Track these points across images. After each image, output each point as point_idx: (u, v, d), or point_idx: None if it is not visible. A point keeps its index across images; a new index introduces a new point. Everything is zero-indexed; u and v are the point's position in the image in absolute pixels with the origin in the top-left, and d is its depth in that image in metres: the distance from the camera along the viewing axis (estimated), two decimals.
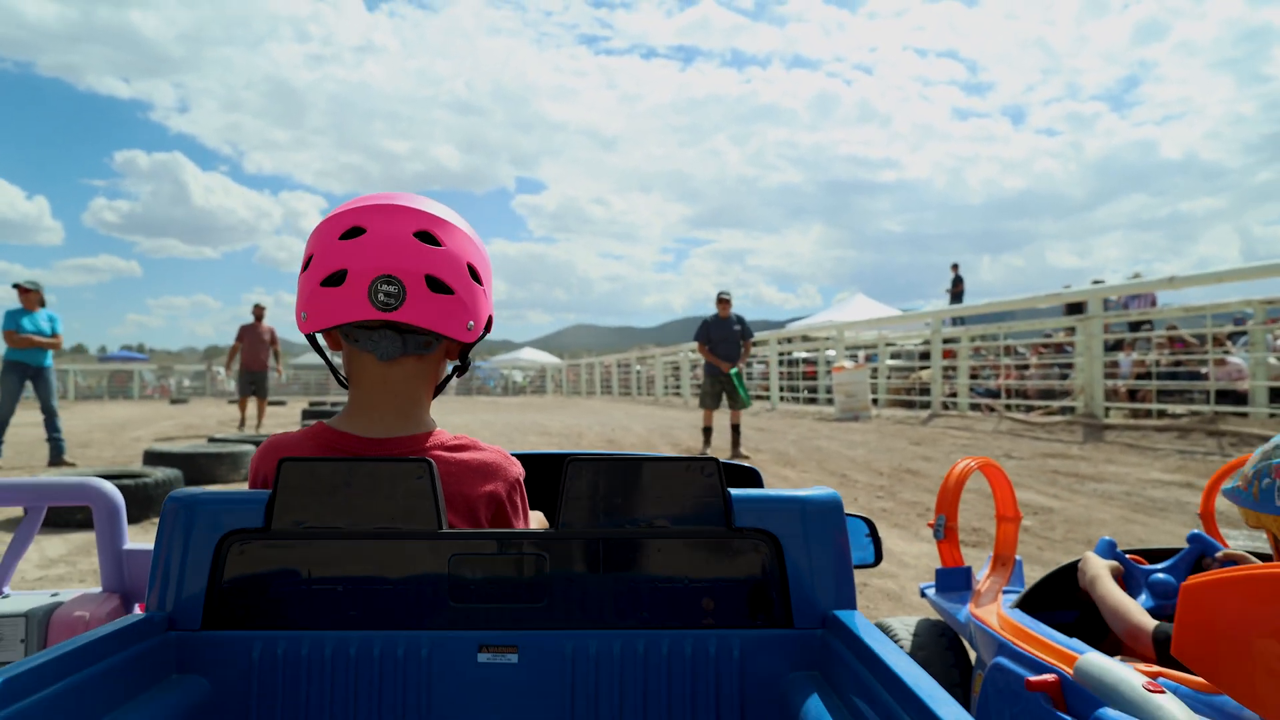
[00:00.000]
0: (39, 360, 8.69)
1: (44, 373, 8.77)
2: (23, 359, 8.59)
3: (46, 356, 8.77)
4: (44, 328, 8.66)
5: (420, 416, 1.25)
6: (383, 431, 1.22)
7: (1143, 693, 1.18)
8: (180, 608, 1.08)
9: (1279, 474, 1.27)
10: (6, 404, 8.66)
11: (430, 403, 1.29)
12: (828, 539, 1.09)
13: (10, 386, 8.67)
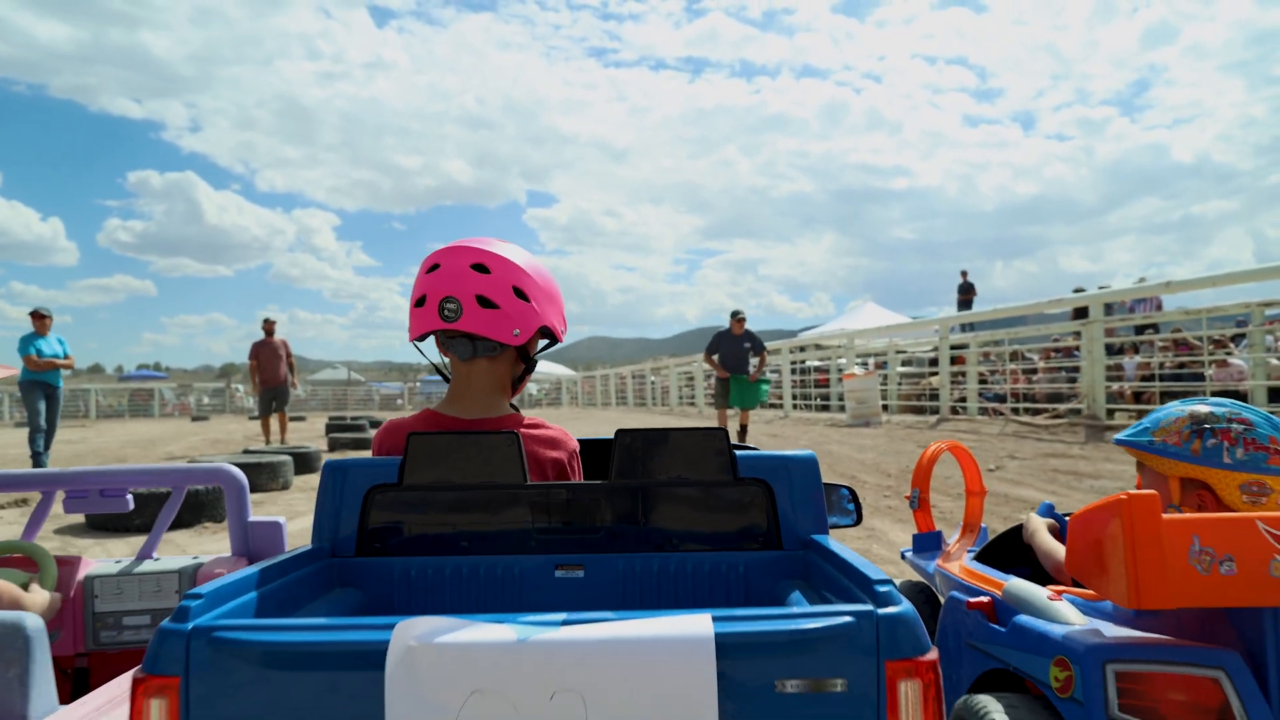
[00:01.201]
0: (55, 380, 9.64)
1: (56, 392, 9.74)
2: (43, 379, 9.53)
3: (59, 376, 9.73)
4: (57, 350, 9.59)
5: (500, 403, 1.68)
6: (475, 414, 1.64)
7: (1046, 602, 1.58)
8: (339, 542, 1.49)
9: (1226, 437, 1.62)
10: (34, 418, 9.58)
11: (509, 396, 1.71)
12: (806, 486, 1.49)
13: (34, 403, 9.58)
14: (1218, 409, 1.63)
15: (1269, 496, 1.55)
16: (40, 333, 9.49)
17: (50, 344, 9.51)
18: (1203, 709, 1.35)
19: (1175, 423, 1.66)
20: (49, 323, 9.57)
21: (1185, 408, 1.68)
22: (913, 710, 0.99)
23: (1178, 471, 1.64)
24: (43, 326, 9.50)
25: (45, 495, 2.21)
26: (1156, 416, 1.72)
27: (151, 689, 1.00)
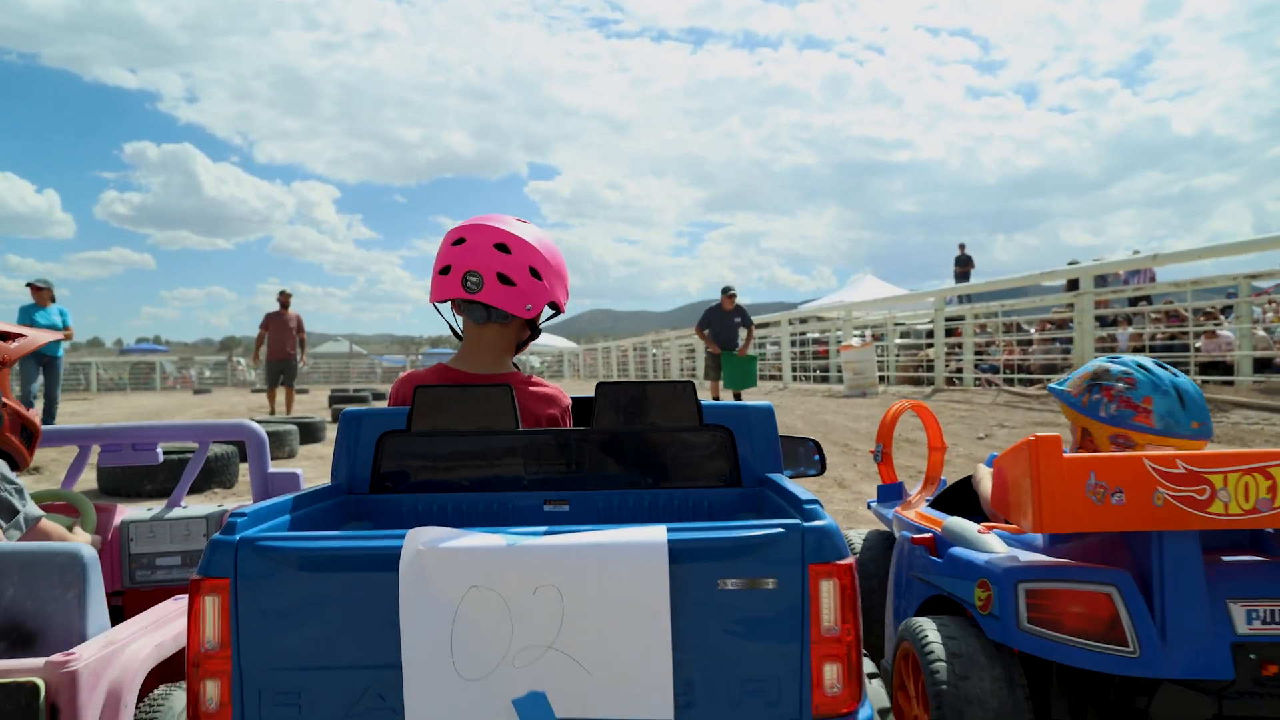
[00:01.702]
0: (53, 350, 9.76)
1: (55, 363, 9.90)
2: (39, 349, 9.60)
3: (59, 347, 9.93)
4: (55, 322, 9.64)
5: (505, 363, 1.90)
6: (482, 370, 1.86)
7: (977, 535, 1.80)
8: (354, 481, 1.71)
9: (1107, 394, 1.83)
10: (25, 385, 9.78)
11: (513, 356, 1.93)
12: (763, 431, 1.70)
13: (29, 373, 9.72)
14: (1115, 367, 1.84)
15: (1133, 449, 1.76)
16: (40, 304, 9.47)
17: (49, 316, 9.49)
18: (1097, 619, 1.57)
19: (1081, 377, 1.88)
20: (47, 294, 9.54)
21: (1094, 364, 1.89)
22: (831, 604, 1.21)
23: (1077, 420, 1.86)
24: (41, 298, 9.48)
25: (82, 449, 2.43)
26: (1079, 369, 1.94)
27: (206, 588, 1.22)
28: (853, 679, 1.22)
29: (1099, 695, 1.69)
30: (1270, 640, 1.55)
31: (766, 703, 1.20)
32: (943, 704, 1.63)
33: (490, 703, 1.18)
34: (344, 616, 1.21)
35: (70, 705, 1.49)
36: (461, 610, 1.18)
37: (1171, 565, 1.56)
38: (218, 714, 1.21)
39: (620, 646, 1.18)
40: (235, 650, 1.21)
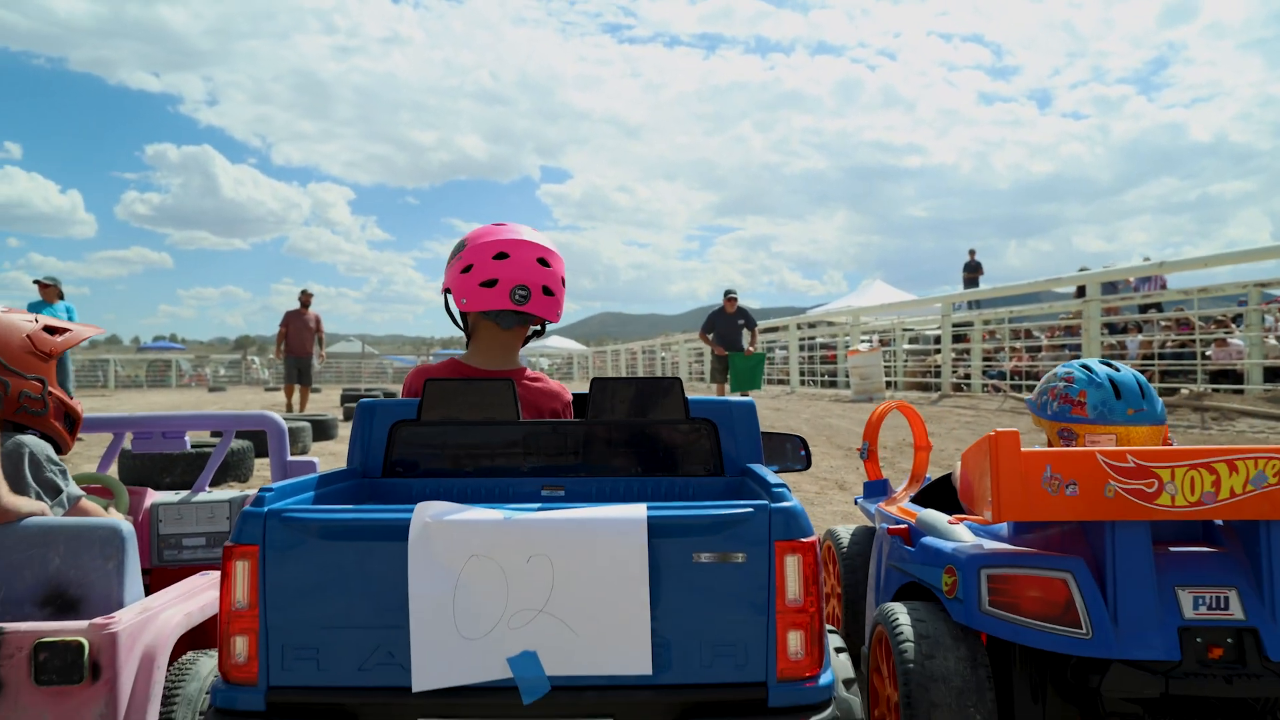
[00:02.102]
0: None
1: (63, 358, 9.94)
2: None
3: None
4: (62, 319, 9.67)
5: (515, 359, 2.05)
6: (494, 366, 2.01)
7: (947, 526, 1.93)
8: (368, 466, 1.85)
9: (1052, 394, 1.99)
10: None
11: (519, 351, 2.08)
12: (746, 426, 1.84)
13: None
14: (1061, 369, 2.00)
15: (1076, 440, 1.91)
16: (47, 301, 9.53)
17: (55, 313, 9.53)
18: (1053, 603, 1.69)
19: (1040, 385, 2.03)
20: (54, 291, 9.58)
21: (1050, 373, 2.05)
22: (795, 577, 1.34)
23: (1038, 424, 2.02)
24: (48, 295, 9.54)
25: (116, 435, 2.58)
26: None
27: (237, 554, 1.36)
28: (815, 646, 1.35)
29: (1057, 675, 1.81)
30: (1215, 625, 1.66)
31: (736, 664, 1.34)
32: (910, 681, 1.76)
33: (487, 659, 1.32)
34: (358, 581, 1.35)
35: (110, 663, 1.64)
36: (463, 577, 1.32)
37: (1123, 553, 1.69)
38: (245, 666, 1.35)
39: (604, 610, 1.32)
40: (262, 610, 1.35)
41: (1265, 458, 1.64)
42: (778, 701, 1.33)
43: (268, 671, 1.35)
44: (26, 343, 2.06)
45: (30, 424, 2.07)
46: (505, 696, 1.32)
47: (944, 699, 1.72)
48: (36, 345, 2.08)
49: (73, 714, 1.63)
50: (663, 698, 1.33)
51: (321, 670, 1.35)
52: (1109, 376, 1.93)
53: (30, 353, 2.06)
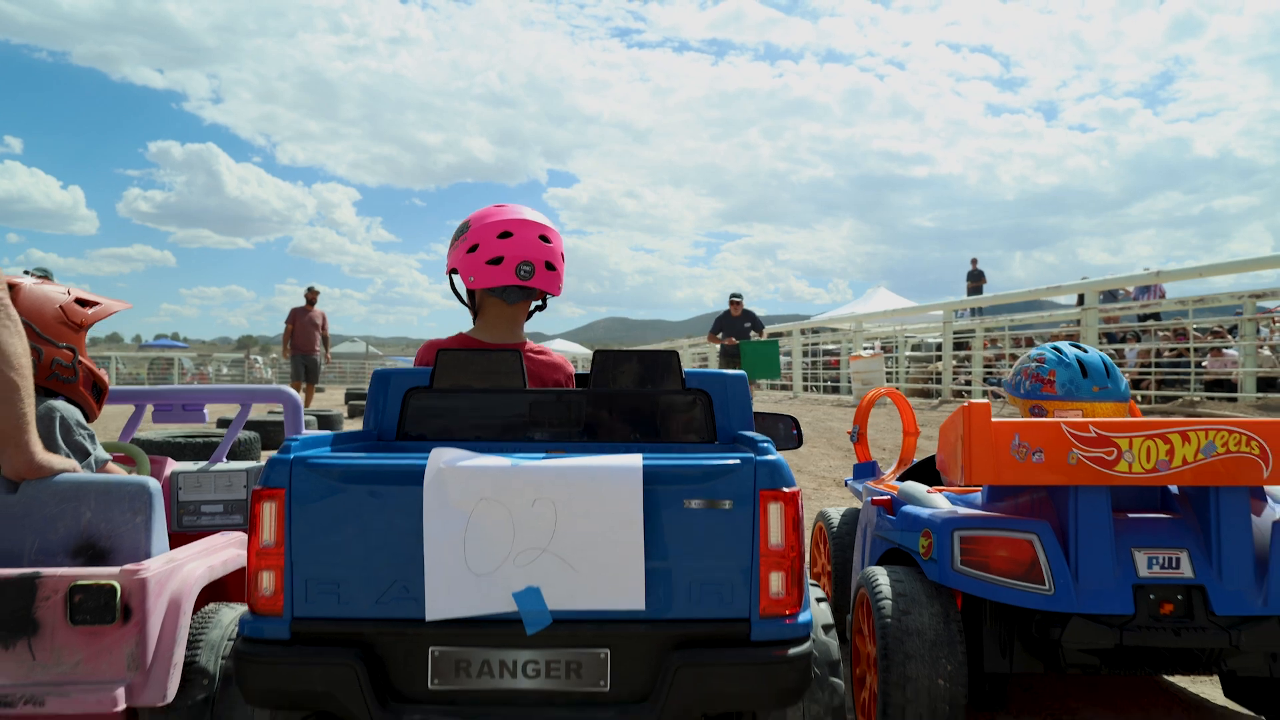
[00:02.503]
0: None
1: None
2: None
3: None
4: None
5: (519, 333, 2.18)
6: (500, 339, 2.13)
7: (925, 494, 2.05)
8: (383, 429, 1.98)
9: (1025, 374, 2.12)
10: None
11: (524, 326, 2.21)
12: (737, 395, 1.96)
13: None
14: (1035, 351, 2.14)
15: (1046, 415, 2.05)
16: None
17: None
18: (1019, 562, 1.82)
19: (1016, 364, 2.17)
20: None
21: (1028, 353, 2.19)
22: (778, 523, 1.47)
23: (1013, 403, 2.15)
24: None
25: (138, 407, 2.72)
26: None
27: (265, 496, 1.49)
28: (795, 587, 1.48)
29: (1023, 630, 1.93)
30: (1167, 583, 1.79)
31: (722, 602, 1.46)
32: (887, 635, 1.88)
33: (494, 594, 1.44)
34: (376, 522, 1.48)
35: (140, 606, 1.77)
36: (473, 518, 1.45)
37: (1084, 516, 1.81)
38: (272, 599, 1.48)
39: (602, 551, 1.44)
40: (288, 548, 1.48)
41: (1215, 429, 1.77)
42: (760, 635, 1.46)
43: (292, 604, 1.48)
44: (59, 313, 2.19)
45: (61, 390, 2.20)
46: (510, 628, 1.45)
47: (918, 651, 1.84)
48: (69, 316, 2.21)
49: (105, 653, 1.76)
50: (655, 631, 1.45)
51: (341, 603, 1.47)
52: (1077, 357, 2.07)
53: (62, 323, 2.19)
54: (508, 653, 1.46)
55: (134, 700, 1.74)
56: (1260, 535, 1.82)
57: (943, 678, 1.82)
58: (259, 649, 1.47)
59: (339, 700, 1.44)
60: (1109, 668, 1.85)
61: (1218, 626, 1.76)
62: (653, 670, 1.45)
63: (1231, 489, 1.80)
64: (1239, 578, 1.78)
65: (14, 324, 1.91)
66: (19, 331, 1.93)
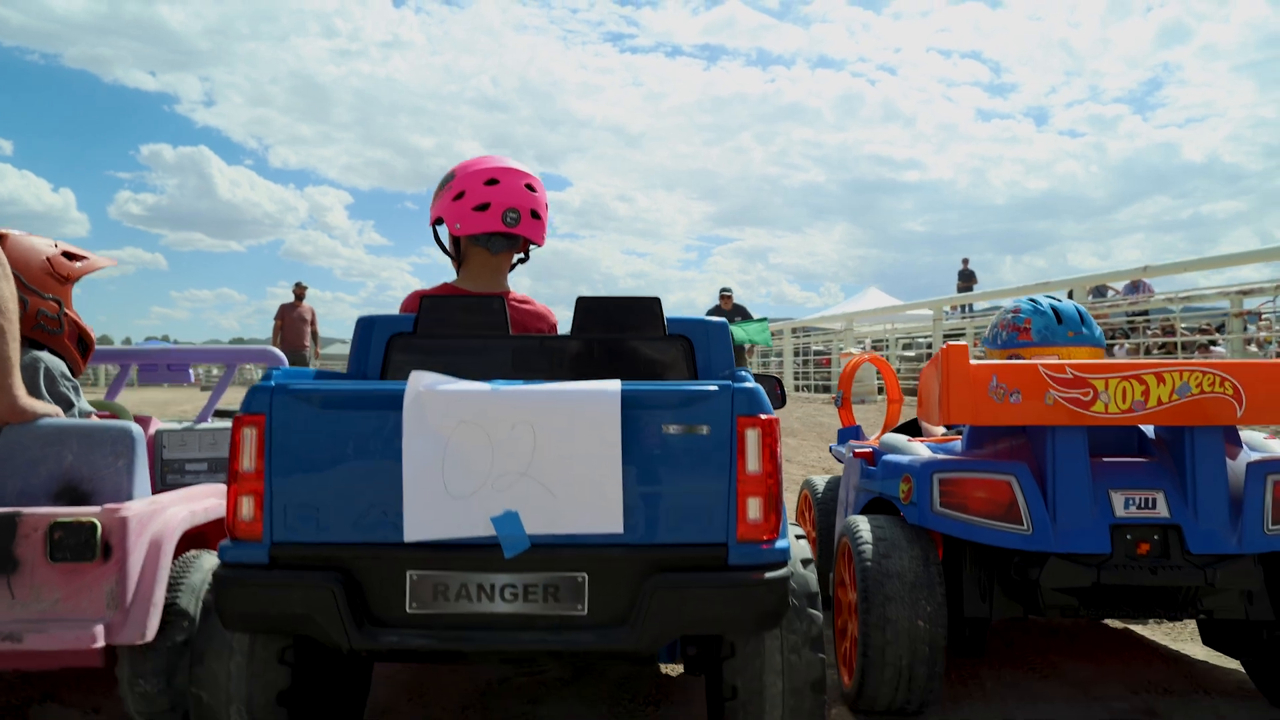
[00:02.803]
0: None
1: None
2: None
3: None
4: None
5: (504, 282, 2.18)
6: (484, 288, 2.14)
7: (907, 444, 2.07)
8: (367, 374, 1.98)
9: (1001, 325, 2.15)
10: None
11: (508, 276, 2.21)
12: (719, 342, 1.97)
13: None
14: (1008, 303, 2.17)
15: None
16: None
17: None
18: (997, 503, 1.83)
19: (993, 319, 2.20)
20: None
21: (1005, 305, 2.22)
22: (755, 449, 1.48)
23: (991, 356, 2.18)
24: None
25: (123, 367, 2.71)
26: None
27: (245, 423, 1.49)
28: (772, 513, 1.49)
29: (1002, 573, 1.95)
30: (1143, 522, 1.81)
31: (700, 526, 1.47)
32: (867, 578, 1.89)
33: (473, 517, 1.45)
34: (356, 447, 1.48)
35: (120, 544, 1.76)
36: (453, 441, 1.45)
37: (1061, 457, 1.83)
38: (250, 524, 1.49)
39: (580, 475, 1.45)
40: (267, 473, 1.48)
41: (1190, 370, 1.79)
42: (737, 560, 1.46)
43: (271, 529, 1.48)
44: (46, 265, 2.19)
45: (46, 342, 2.20)
46: (488, 552, 1.45)
47: (898, 593, 1.85)
48: (55, 268, 2.21)
49: (84, 590, 1.75)
50: (633, 555, 1.46)
51: (321, 528, 1.48)
52: (1051, 305, 2.10)
53: (49, 274, 2.19)
54: (485, 576, 1.46)
55: (113, 638, 1.74)
56: (1235, 477, 1.84)
57: (922, 619, 1.83)
58: (238, 573, 1.48)
59: (317, 623, 1.44)
60: (1087, 609, 1.86)
61: (1193, 565, 1.77)
62: (630, 594, 1.45)
63: (1206, 430, 1.82)
64: (1214, 517, 1.79)
65: (2, 268, 1.92)
66: (6, 275, 1.94)
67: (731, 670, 1.57)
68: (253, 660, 1.59)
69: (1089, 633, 2.76)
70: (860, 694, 1.93)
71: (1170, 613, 1.89)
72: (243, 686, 1.58)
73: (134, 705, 1.85)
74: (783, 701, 1.56)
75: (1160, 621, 2.84)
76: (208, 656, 1.61)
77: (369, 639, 1.44)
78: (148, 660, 1.83)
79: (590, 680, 2.33)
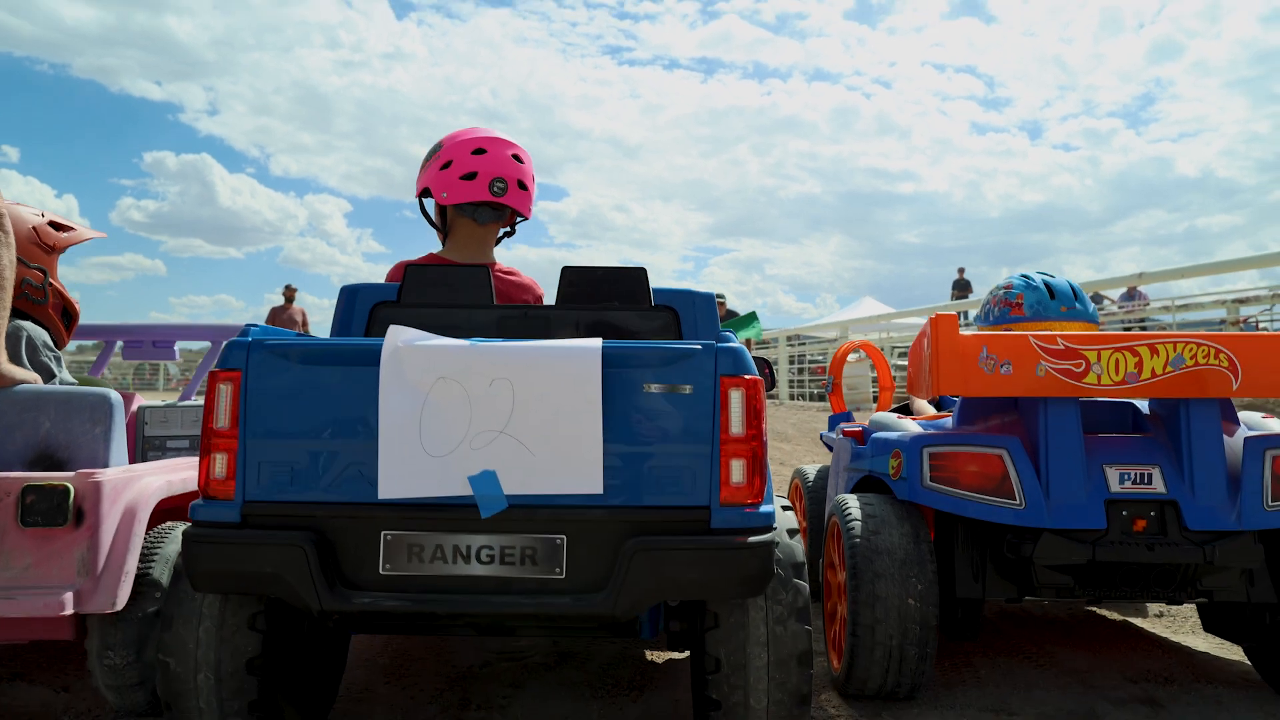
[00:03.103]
0: None
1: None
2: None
3: None
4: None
5: (489, 254, 2.15)
6: (469, 260, 2.10)
7: (896, 421, 2.03)
8: None
9: (994, 302, 2.12)
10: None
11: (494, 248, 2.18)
12: (705, 314, 1.94)
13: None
14: (1002, 281, 2.15)
15: None
16: None
17: None
18: (989, 476, 1.80)
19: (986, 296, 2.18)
20: None
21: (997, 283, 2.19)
22: (739, 410, 1.44)
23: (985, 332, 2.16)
24: None
25: (108, 344, 2.67)
26: None
27: (221, 378, 1.46)
28: (756, 475, 1.45)
29: (995, 551, 1.90)
30: (1139, 498, 1.77)
31: (682, 489, 1.43)
32: (856, 554, 1.85)
33: (449, 476, 1.41)
34: (333, 404, 1.44)
35: (94, 510, 1.72)
36: (431, 397, 1.42)
37: (1054, 429, 1.79)
38: (223, 482, 1.45)
39: (560, 434, 1.41)
40: (242, 430, 1.45)
41: (1184, 342, 1.75)
42: (719, 523, 1.43)
43: (244, 487, 1.44)
44: (32, 234, 2.15)
45: (30, 311, 2.16)
46: (464, 512, 1.41)
47: (887, 569, 1.81)
48: (41, 237, 2.18)
49: (55, 556, 1.71)
50: (612, 517, 1.42)
51: (294, 486, 1.44)
52: (1044, 281, 2.07)
53: (35, 243, 2.16)
54: (461, 537, 1.42)
55: (82, 606, 1.69)
56: (1233, 453, 1.81)
57: (913, 597, 1.79)
58: (208, 532, 1.44)
59: (286, 582, 1.40)
60: (1083, 588, 1.82)
61: (1191, 542, 1.73)
62: (609, 558, 1.41)
63: (1201, 404, 1.79)
64: (1211, 493, 1.76)
65: (6, 235, 1.91)
66: (9, 244, 1.93)
67: (714, 641, 1.53)
68: (223, 626, 1.55)
69: (1086, 624, 2.72)
70: (849, 676, 1.89)
71: (1169, 593, 1.85)
72: (211, 653, 1.54)
73: (102, 678, 1.80)
74: (767, 674, 1.51)
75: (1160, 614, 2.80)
76: (176, 622, 1.57)
77: (340, 600, 1.40)
78: (117, 631, 1.78)
79: (573, 665, 2.29)
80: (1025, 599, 1.96)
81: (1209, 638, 2.53)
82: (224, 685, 1.54)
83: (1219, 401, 1.82)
